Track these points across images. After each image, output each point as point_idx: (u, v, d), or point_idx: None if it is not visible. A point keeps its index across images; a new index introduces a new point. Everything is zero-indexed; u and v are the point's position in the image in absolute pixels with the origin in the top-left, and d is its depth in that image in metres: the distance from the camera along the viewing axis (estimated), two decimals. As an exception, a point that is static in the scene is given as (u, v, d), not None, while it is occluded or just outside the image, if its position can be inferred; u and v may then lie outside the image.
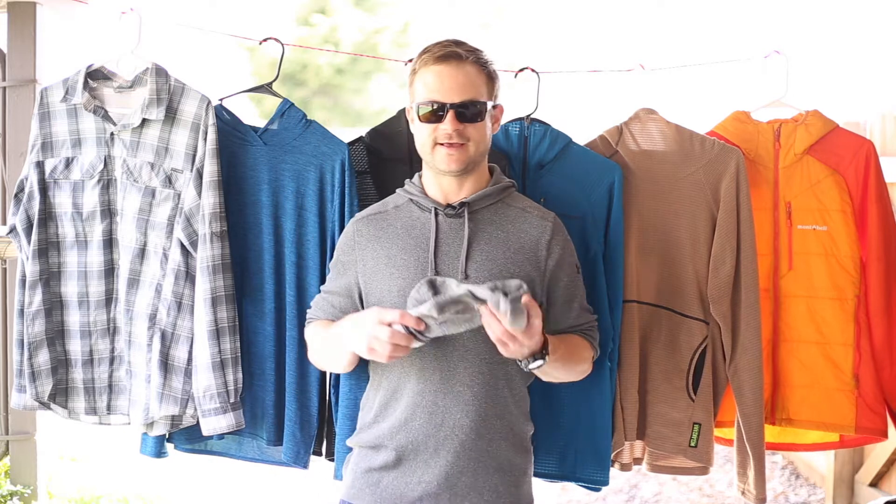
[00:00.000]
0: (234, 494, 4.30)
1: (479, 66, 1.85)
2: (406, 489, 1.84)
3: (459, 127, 1.82)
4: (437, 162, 1.85)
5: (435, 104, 1.82)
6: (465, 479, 1.84)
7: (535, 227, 1.91)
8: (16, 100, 3.04)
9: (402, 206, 1.93)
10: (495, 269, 1.85)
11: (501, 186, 1.93)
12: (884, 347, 2.43)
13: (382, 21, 10.33)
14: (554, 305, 1.93)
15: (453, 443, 1.83)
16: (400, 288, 1.83)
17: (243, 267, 2.30)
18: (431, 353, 1.82)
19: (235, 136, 2.30)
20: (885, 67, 4.74)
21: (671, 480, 4.47)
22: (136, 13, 2.30)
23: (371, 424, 1.90)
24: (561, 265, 1.93)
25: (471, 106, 1.83)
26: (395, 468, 1.85)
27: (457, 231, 1.87)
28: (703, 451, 2.37)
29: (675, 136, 2.37)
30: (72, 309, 2.31)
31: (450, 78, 1.82)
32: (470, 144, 1.84)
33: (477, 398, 1.84)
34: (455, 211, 1.87)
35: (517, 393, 1.91)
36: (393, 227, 1.90)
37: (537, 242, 1.90)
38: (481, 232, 1.88)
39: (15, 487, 3.16)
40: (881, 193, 2.42)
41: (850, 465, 3.91)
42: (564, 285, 1.93)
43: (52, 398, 2.32)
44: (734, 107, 2.49)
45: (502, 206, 1.92)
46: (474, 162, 1.87)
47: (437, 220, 1.87)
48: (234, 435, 2.36)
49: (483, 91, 1.85)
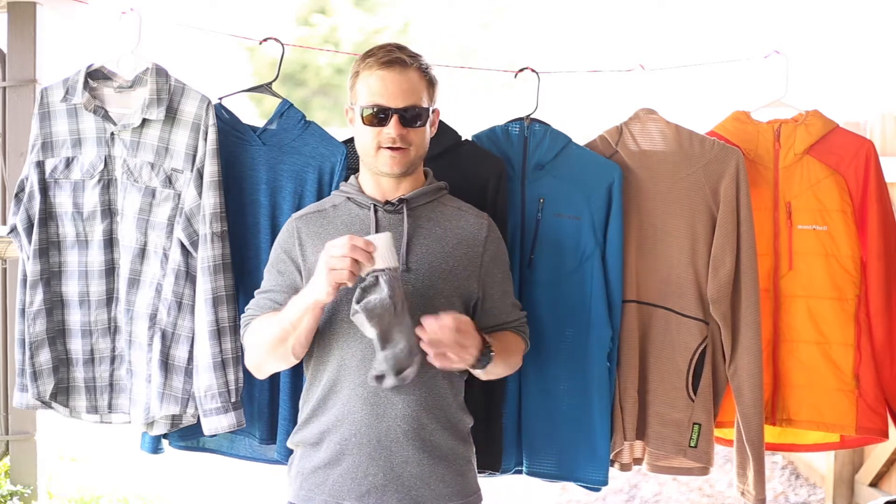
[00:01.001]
0: (234, 494, 4.30)
1: (421, 71, 1.89)
2: (353, 484, 1.86)
3: (403, 131, 1.86)
4: (379, 164, 1.89)
5: (379, 108, 1.86)
6: (411, 469, 1.86)
7: (471, 224, 1.97)
8: (16, 100, 3.04)
9: (339, 204, 1.97)
10: (435, 262, 1.89)
11: (437, 186, 1.99)
12: (884, 347, 2.43)
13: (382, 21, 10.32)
14: (489, 299, 1.97)
15: (396, 434, 1.84)
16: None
17: (241, 267, 2.30)
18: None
19: (234, 135, 2.30)
20: (885, 67, 4.75)
21: (671, 481, 4.48)
22: (136, 13, 2.30)
23: (310, 420, 1.91)
24: (495, 261, 1.98)
25: (413, 111, 1.87)
26: (338, 464, 1.87)
27: (396, 226, 1.90)
28: (703, 451, 2.37)
29: (674, 136, 2.37)
30: (73, 308, 2.31)
31: (394, 83, 1.86)
32: (412, 149, 1.89)
33: (416, 388, 1.85)
34: (394, 207, 1.91)
35: (455, 384, 1.94)
36: (333, 224, 1.93)
37: (474, 238, 1.95)
38: (420, 227, 1.92)
39: (15, 487, 3.16)
40: (881, 193, 2.42)
41: (850, 465, 3.91)
42: (499, 280, 1.99)
43: (54, 397, 2.33)
44: (734, 107, 2.49)
45: (438, 205, 1.97)
46: (414, 165, 1.93)
47: (377, 216, 1.91)
48: (227, 433, 2.35)
49: (424, 97, 1.90)
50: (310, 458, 1.91)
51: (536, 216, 2.30)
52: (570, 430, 2.32)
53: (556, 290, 2.30)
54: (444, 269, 1.90)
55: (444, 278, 1.89)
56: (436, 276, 1.89)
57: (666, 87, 2.50)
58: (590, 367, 2.30)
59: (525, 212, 2.31)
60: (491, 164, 2.27)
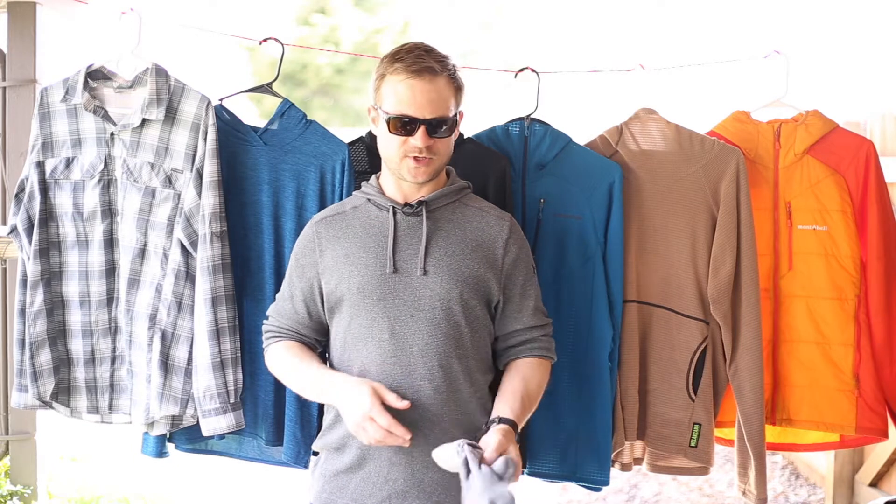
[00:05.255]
0: (234, 494, 4.30)
1: (449, 78, 1.85)
2: (374, 489, 1.85)
3: (430, 143, 1.83)
4: (403, 172, 1.87)
5: (407, 118, 1.83)
6: (432, 475, 1.85)
7: (492, 227, 1.93)
8: (16, 100, 3.04)
9: (359, 206, 1.95)
10: (453, 265, 1.87)
11: (458, 186, 1.95)
12: (884, 347, 2.43)
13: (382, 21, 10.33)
14: (510, 303, 1.94)
15: (418, 439, 1.82)
16: (359, 285, 1.86)
17: (244, 266, 2.30)
18: (391, 350, 1.83)
19: (235, 136, 2.30)
20: (885, 67, 4.75)
21: (671, 480, 4.48)
22: (136, 13, 2.30)
23: (333, 425, 1.91)
24: (517, 264, 1.94)
25: (442, 122, 1.84)
26: (360, 469, 1.87)
27: (415, 229, 1.89)
28: (704, 451, 2.37)
29: (675, 136, 2.37)
30: (73, 308, 2.31)
31: (422, 94, 1.81)
32: (436, 158, 1.86)
33: (438, 393, 1.84)
34: (413, 209, 1.89)
35: (478, 387, 1.91)
36: (351, 227, 1.92)
37: (495, 241, 1.92)
38: (439, 230, 1.89)
39: (15, 487, 3.16)
40: (881, 193, 2.42)
41: (850, 465, 3.91)
42: (520, 284, 1.94)
43: (55, 397, 2.33)
44: (734, 107, 2.49)
45: (460, 206, 1.94)
46: (438, 172, 1.90)
47: (396, 218, 1.89)
48: (234, 435, 2.36)
49: (452, 105, 1.86)
50: (333, 461, 1.91)
51: (537, 216, 2.30)
52: (571, 430, 2.32)
53: (558, 290, 2.30)
54: (462, 273, 1.87)
55: (462, 281, 1.87)
56: (453, 280, 1.86)
57: (666, 87, 2.50)
58: (591, 367, 2.30)
59: (526, 212, 2.31)
60: (494, 162, 2.27)
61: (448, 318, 1.85)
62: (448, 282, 1.86)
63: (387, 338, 1.84)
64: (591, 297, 2.30)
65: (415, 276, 1.86)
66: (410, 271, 1.86)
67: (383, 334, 1.84)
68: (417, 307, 1.85)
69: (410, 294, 1.85)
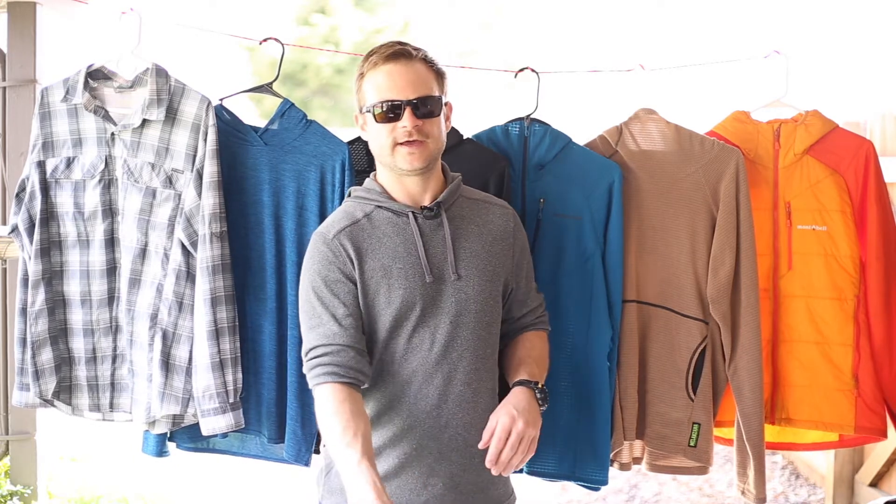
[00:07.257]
0: (234, 494, 4.31)
1: (426, 63, 1.84)
2: (412, 495, 1.83)
3: (418, 123, 1.79)
4: (398, 162, 1.82)
5: (390, 103, 1.80)
6: (469, 477, 1.85)
7: (500, 217, 1.95)
8: (16, 100, 3.04)
9: (371, 213, 1.87)
10: (481, 265, 1.87)
11: (458, 181, 1.94)
12: (883, 347, 2.43)
13: (382, 21, 10.33)
14: (519, 289, 1.98)
15: (457, 443, 1.83)
16: (403, 298, 1.82)
17: (245, 266, 2.30)
18: (434, 360, 1.82)
19: (236, 136, 2.30)
20: (885, 67, 4.75)
21: (671, 480, 4.48)
22: (136, 13, 2.30)
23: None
24: (523, 251, 1.99)
25: (426, 102, 1.81)
26: (397, 476, 1.84)
27: (435, 231, 1.86)
28: (703, 450, 2.37)
29: (674, 136, 2.37)
30: (74, 308, 2.32)
31: (401, 76, 1.80)
32: (429, 141, 1.82)
33: (476, 395, 1.85)
34: (433, 213, 1.86)
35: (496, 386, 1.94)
36: (377, 237, 1.84)
37: (505, 231, 1.94)
38: (458, 229, 1.88)
39: (15, 487, 3.16)
40: (881, 193, 2.42)
41: (850, 465, 3.92)
42: (525, 269, 1.99)
43: (56, 395, 2.33)
44: (734, 107, 2.49)
45: (464, 201, 1.93)
46: (434, 159, 1.86)
47: (418, 223, 1.86)
48: (237, 432, 2.36)
49: (434, 87, 1.84)
50: None
51: (537, 216, 2.30)
52: (571, 430, 2.32)
53: (557, 290, 2.30)
54: (489, 270, 1.87)
55: (489, 279, 1.87)
56: (485, 279, 1.86)
57: (666, 87, 2.50)
58: (590, 367, 2.30)
59: (525, 212, 2.31)
60: (494, 162, 2.27)
61: (480, 319, 1.86)
62: (480, 283, 1.86)
63: (427, 347, 1.82)
64: (591, 297, 2.30)
65: (449, 282, 1.84)
66: (445, 277, 1.84)
67: (424, 344, 1.83)
68: (456, 312, 1.84)
69: (447, 300, 1.84)
